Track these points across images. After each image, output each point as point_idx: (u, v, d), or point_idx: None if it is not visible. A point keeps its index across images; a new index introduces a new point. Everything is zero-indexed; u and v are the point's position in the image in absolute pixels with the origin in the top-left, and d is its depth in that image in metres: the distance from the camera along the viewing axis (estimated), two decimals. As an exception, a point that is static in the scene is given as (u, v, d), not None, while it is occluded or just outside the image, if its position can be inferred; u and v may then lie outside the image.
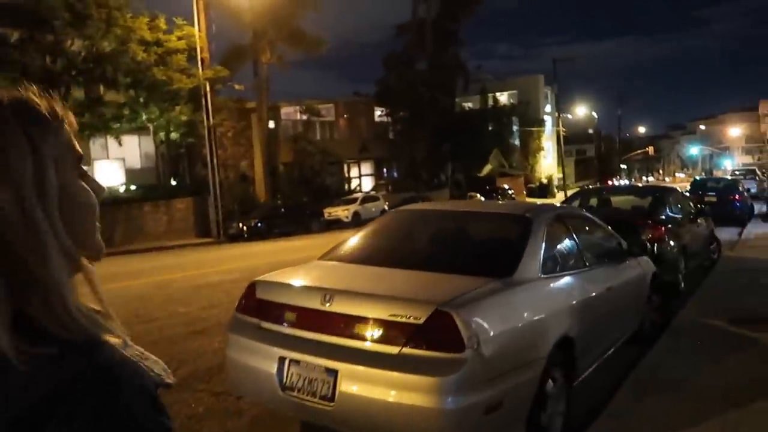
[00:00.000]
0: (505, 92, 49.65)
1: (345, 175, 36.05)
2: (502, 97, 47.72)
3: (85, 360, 0.64)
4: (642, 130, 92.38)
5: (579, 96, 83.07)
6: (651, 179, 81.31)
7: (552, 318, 3.48)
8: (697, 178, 29.72)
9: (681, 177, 79.50)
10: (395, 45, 46.10)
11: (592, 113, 66.78)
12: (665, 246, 7.66)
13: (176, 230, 21.98)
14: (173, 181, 24.77)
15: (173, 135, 21.80)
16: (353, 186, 35.94)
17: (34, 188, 0.66)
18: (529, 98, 49.54)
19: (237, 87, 24.26)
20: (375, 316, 2.98)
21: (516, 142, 46.54)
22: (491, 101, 45.12)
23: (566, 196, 13.81)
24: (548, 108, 53.51)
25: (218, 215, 21.98)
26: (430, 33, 39.43)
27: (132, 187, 22.11)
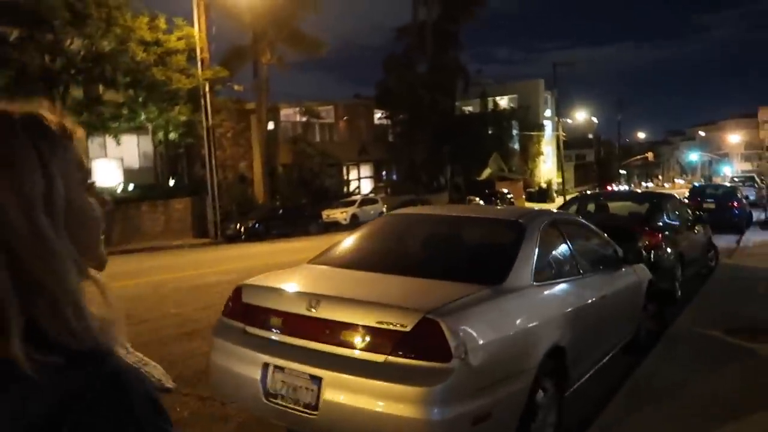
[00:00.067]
0: (505, 96, 49.70)
1: (344, 178, 35.91)
2: (502, 101, 47.78)
3: (95, 369, 0.65)
4: (642, 136, 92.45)
5: (579, 101, 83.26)
6: (650, 185, 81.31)
7: (543, 327, 3.41)
8: (696, 185, 29.74)
9: (680, 183, 79.35)
10: (395, 47, 46.14)
11: (592, 118, 66.79)
12: (662, 253, 7.61)
13: (174, 230, 21.95)
14: (171, 181, 24.73)
15: (172, 135, 21.74)
16: (352, 188, 35.81)
17: (42, 200, 0.68)
18: (529, 102, 49.59)
19: (236, 88, 24.27)
20: (361, 323, 2.91)
21: (516, 146, 46.51)
22: (491, 105, 45.18)
23: (565, 201, 13.76)
24: (548, 112, 53.51)
25: (216, 216, 21.95)
26: (431, 35, 39.41)
27: (130, 187, 22.06)
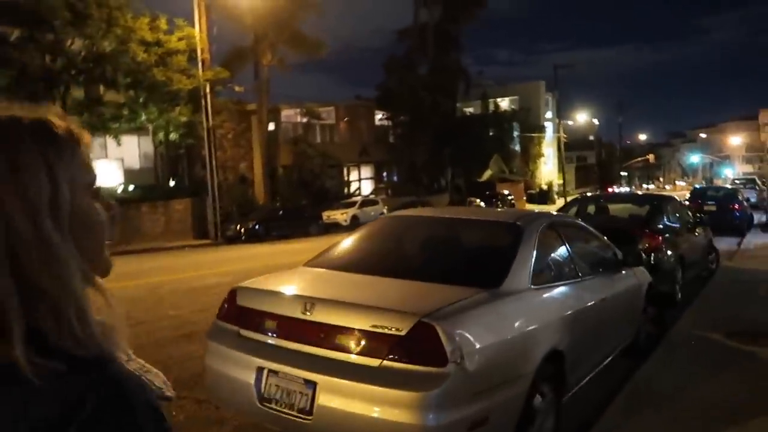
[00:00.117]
0: (506, 98, 49.62)
1: (345, 179, 35.88)
2: (503, 103, 47.71)
3: (97, 376, 0.66)
4: (643, 138, 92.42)
5: (580, 103, 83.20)
6: (651, 187, 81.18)
7: (541, 331, 3.37)
8: (697, 187, 29.69)
9: (681, 185, 79.24)
10: (396, 49, 46.05)
11: (593, 120, 66.67)
12: (662, 256, 7.57)
13: (174, 231, 21.92)
14: (172, 182, 24.71)
15: (172, 136, 21.73)
16: (353, 189, 35.77)
17: (48, 205, 0.68)
18: (530, 104, 49.54)
19: (237, 89, 24.28)
20: (356, 327, 2.88)
21: (516, 148, 46.49)
22: (492, 107, 45.12)
23: (566, 203, 13.77)
24: (549, 114, 53.45)
25: (216, 217, 21.92)
26: (432, 37, 39.42)
27: (130, 188, 22.04)
